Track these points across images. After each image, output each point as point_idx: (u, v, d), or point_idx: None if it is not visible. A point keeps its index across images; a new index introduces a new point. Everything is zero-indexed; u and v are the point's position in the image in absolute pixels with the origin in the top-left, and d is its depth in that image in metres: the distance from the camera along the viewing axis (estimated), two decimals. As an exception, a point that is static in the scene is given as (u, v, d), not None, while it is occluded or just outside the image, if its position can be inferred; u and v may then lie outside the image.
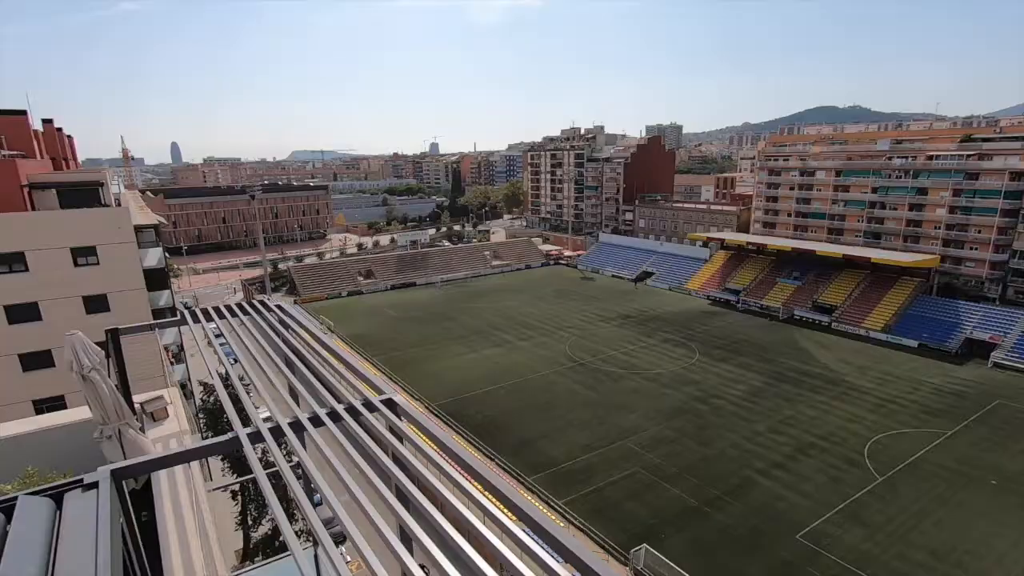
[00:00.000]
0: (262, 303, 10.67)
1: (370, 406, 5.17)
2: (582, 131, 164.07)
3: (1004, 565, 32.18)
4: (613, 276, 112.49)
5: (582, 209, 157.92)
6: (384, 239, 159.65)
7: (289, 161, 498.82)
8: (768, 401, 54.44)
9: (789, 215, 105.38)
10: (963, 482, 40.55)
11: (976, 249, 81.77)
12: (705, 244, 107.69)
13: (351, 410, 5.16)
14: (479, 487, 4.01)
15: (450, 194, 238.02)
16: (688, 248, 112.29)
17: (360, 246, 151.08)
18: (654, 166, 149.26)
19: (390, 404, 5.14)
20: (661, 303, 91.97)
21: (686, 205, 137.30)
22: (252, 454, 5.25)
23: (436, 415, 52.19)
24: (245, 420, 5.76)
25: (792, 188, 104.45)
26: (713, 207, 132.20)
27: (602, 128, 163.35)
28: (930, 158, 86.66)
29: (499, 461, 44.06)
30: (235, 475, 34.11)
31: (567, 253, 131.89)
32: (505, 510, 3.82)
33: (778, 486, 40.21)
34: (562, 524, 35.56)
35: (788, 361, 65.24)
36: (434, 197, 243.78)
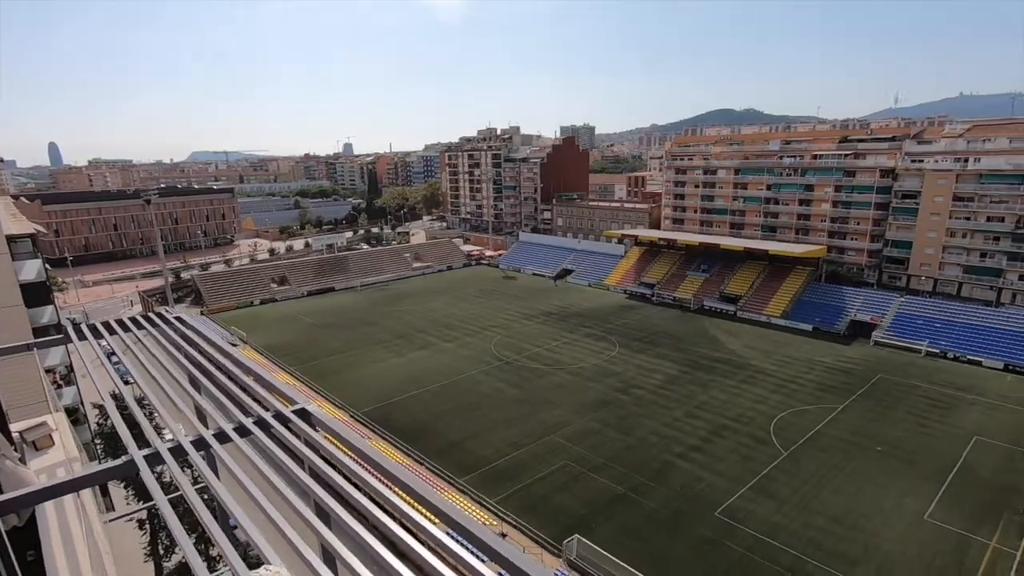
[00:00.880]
0: (160, 315, 9.81)
1: (282, 418, 4.81)
2: (498, 132, 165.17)
3: (890, 522, 35.68)
4: (534, 274, 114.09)
5: (501, 209, 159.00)
6: (298, 243, 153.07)
7: (188, 163, 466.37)
8: (684, 388, 57.25)
9: (695, 211, 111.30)
10: (855, 451, 44.55)
11: (856, 239, 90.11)
12: (620, 241, 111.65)
13: (261, 424, 4.78)
14: (404, 496, 3.83)
15: (367, 196, 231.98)
16: (605, 245, 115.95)
17: (272, 251, 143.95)
18: (569, 166, 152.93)
19: (303, 415, 4.80)
20: (581, 299, 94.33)
21: (601, 203, 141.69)
22: (150, 478, 4.76)
23: (361, 423, 50.66)
24: (142, 441, 5.23)
25: (697, 186, 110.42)
26: (626, 205, 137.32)
27: (518, 129, 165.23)
28: (815, 157, 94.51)
29: (429, 465, 43.43)
30: (140, 502, 31.40)
31: (488, 253, 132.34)
32: (432, 517, 3.67)
33: (696, 468, 42.38)
34: (495, 523, 35.63)
35: (700, 349, 68.94)
36: (350, 199, 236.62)
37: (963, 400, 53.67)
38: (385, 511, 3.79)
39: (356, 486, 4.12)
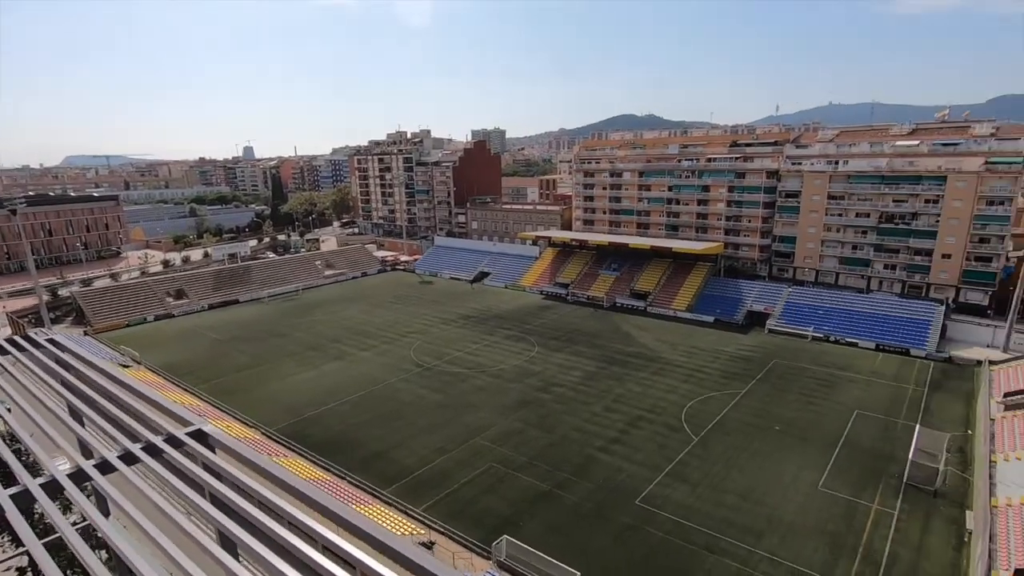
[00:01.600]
0: (28, 338, 8.67)
1: (175, 442, 4.29)
2: (408, 135, 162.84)
3: (789, 494, 38.67)
4: (451, 278, 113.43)
5: (415, 213, 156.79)
6: (196, 254, 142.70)
7: (63, 167, 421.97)
8: (601, 383, 59.05)
9: (604, 212, 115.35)
10: (756, 432, 47.89)
11: (748, 236, 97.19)
12: (534, 242, 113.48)
13: (150, 449, 4.23)
14: (317, 515, 3.55)
15: (271, 202, 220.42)
16: (520, 247, 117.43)
17: (167, 263, 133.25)
18: (482, 169, 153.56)
19: (200, 436, 4.31)
20: (499, 301, 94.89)
21: (514, 206, 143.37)
22: (19, 518, 4.11)
23: (275, 440, 47.96)
24: (8, 479, 4.54)
25: (605, 188, 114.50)
26: (539, 207, 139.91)
27: (428, 132, 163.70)
28: (709, 160, 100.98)
29: (350, 479, 41.84)
30: (16, 547, 27.82)
31: (403, 258, 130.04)
32: (349, 535, 3.43)
33: (616, 459, 43.81)
34: (423, 532, 34.91)
35: (615, 345, 71.44)
36: (252, 205, 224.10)
37: (844, 378, 59.28)
38: (297, 533, 3.50)
39: (264, 509, 3.78)
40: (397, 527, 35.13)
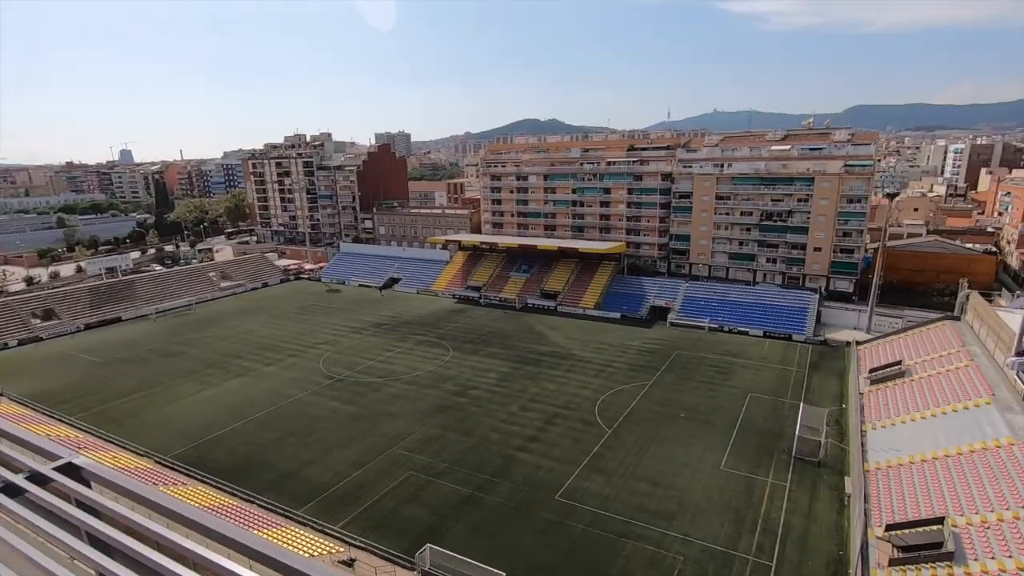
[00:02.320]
0: None
1: (39, 479, 3.72)
2: (308, 138, 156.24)
3: (696, 476, 41.11)
4: (360, 285, 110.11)
5: (319, 219, 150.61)
6: (67, 269, 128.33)
7: None
8: (516, 383, 59.70)
9: (513, 215, 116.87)
10: (664, 420, 50.49)
11: (648, 235, 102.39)
12: (444, 246, 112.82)
13: (9, 490, 3.65)
14: (218, 547, 3.23)
15: (155, 210, 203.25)
16: (430, 251, 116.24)
17: (30, 280, 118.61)
18: (387, 173, 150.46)
19: (70, 470, 3.77)
20: (411, 307, 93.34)
21: (423, 210, 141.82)
22: None
23: (172, 468, 44.07)
24: None
25: (512, 191, 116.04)
26: (447, 211, 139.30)
27: (330, 135, 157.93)
28: (609, 164, 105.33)
29: (260, 502, 39.30)
30: None
31: (308, 266, 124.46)
32: (256, 563, 3.15)
33: (535, 457, 44.45)
34: (342, 550, 33.49)
35: (528, 345, 72.54)
36: (134, 214, 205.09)
37: (738, 365, 63.98)
38: (193, 567, 3.15)
39: (153, 545, 3.39)
40: (313, 548, 33.50)
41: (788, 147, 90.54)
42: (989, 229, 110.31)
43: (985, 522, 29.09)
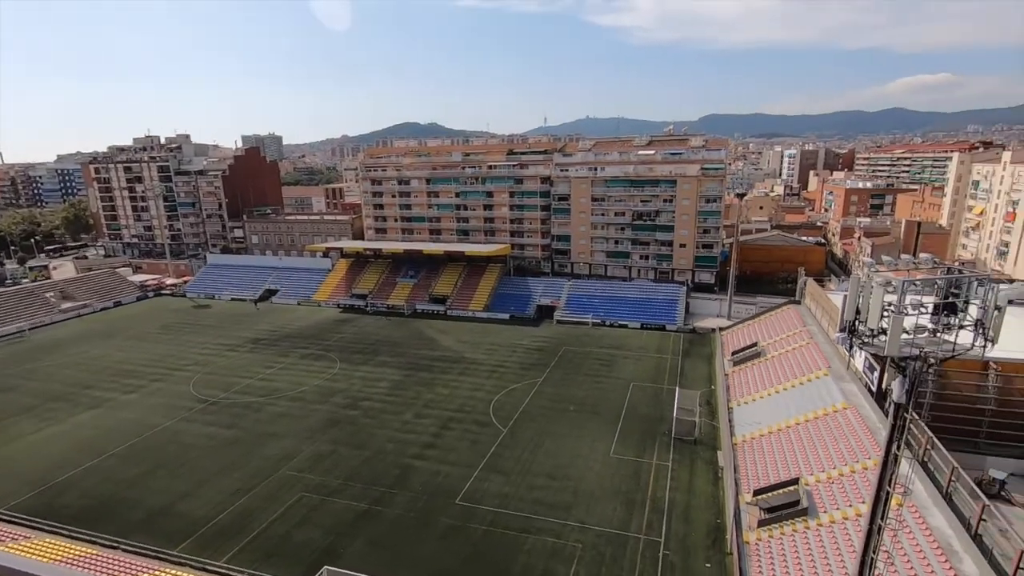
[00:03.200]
0: None
1: None
2: (162, 140, 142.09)
3: (588, 466, 43.28)
4: (233, 299, 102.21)
5: (180, 229, 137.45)
6: None
7: None
8: (409, 391, 58.90)
9: (396, 220, 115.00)
10: (555, 415, 52.51)
11: (531, 237, 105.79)
12: (326, 254, 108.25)
13: None
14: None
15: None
16: (310, 260, 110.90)
17: None
18: (258, 178, 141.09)
19: None
20: (292, 319, 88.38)
21: (299, 217, 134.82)
22: None
23: (11, 520, 37.95)
24: None
25: (394, 196, 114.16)
26: (326, 217, 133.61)
27: (188, 137, 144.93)
28: (491, 168, 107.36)
29: (127, 546, 35.11)
30: None
31: (169, 281, 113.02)
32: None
33: (433, 464, 44.18)
34: (224, 589, 30.97)
35: (419, 351, 71.80)
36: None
37: (620, 356, 68.23)
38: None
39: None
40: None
41: (653, 152, 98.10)
42: (819, 224, 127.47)
43: (830, 478, 33.80)
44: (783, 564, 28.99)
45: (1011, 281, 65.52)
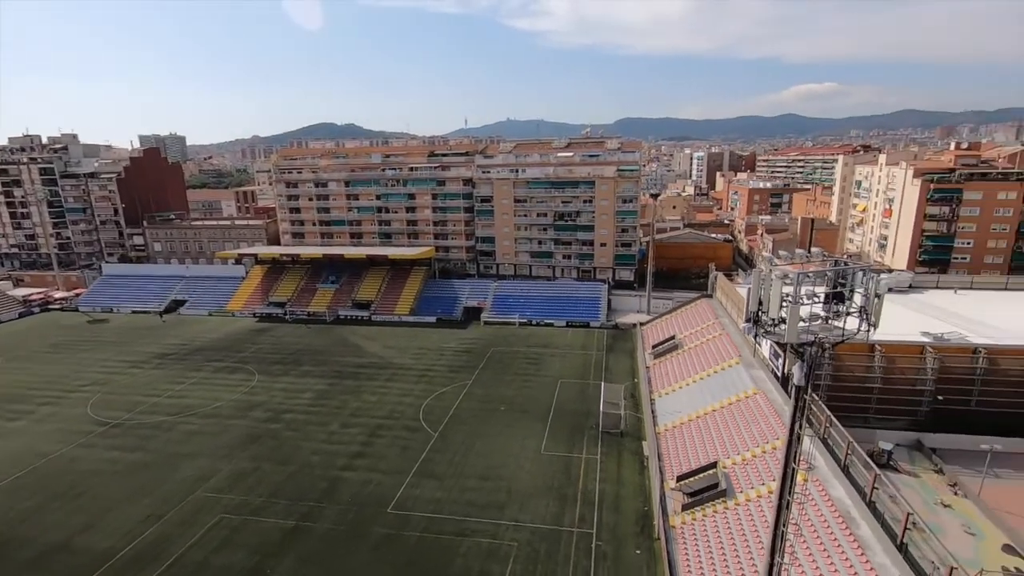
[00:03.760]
0: None
1: None
2: (44, 140, 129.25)
3: (520, 464, 43.82)
4: (134, 312, 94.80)
5: (69, 238, 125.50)
6: None
7: None
8: (335, 400, 57.14)
9: (314, 224, 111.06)
10: (486, 415, 52.75)
11: (455, 239, 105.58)
12: (239, 261, 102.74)
13: None
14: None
15: None
16: (221, 268, 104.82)
17: None
18: (159, 181, 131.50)
19: None
20: (203, 331, 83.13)
21: (208, 222, 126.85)
22: None
23: None
24: None
25: (311, 199, 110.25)
26: (238, 222, 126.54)
27: (75, 137, 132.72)
28: (412, 170, 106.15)
29: (13, 593, 31.78)
30: None
31: (58, 295, 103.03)
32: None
33: (363, 473, 43.12)
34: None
35: (344, 358, 69.77)
36: None
37: (548, 354, 69.56)
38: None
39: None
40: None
41: (572, 154, 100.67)
42: (726, 221, 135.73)
43: (744, 460, 36.22)
44: (706, 544, 30.75)
45: (890, 271, 72.94)
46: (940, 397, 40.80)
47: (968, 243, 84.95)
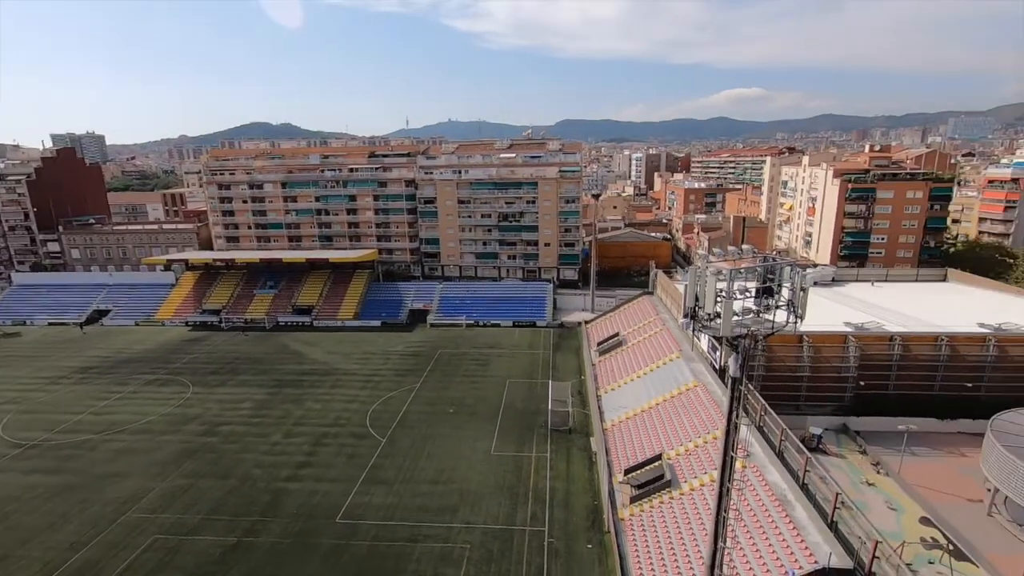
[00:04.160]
0: None
1: None
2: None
3: (471, 466, 43.77)
4: (51, 324, 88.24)
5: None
6: None
7: None
8: (277, 410, 55.21)
9: (250, 227, 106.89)
10: (435, 418, 52.35)
11: (399, 241, 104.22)
12: (168, 267, 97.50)
13: None
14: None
15: None
16: (148, 275, 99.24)
17: None
18: (76, 183, 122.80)
19: None
20: (130, 342, 78.39)
21: (132, 227, 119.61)
22: None
23: None
24: None
25: (246, 201, 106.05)
26: (166, 226, 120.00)
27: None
28: (352, 171, 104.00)
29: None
30: None
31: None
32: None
33: (308, 483, 41.87)
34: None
35: (285, 366, 67.51)
36: None
37: (495, 355, 69.74)
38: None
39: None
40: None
41: (514, 155, 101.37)
42: (664, 221, 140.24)
43: (687, 451, 37.58)
44: (654, 534, 31.72)
45: (815, 266, 77.49)
46: (862, 383, 43.73)
47: (883, 238, 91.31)
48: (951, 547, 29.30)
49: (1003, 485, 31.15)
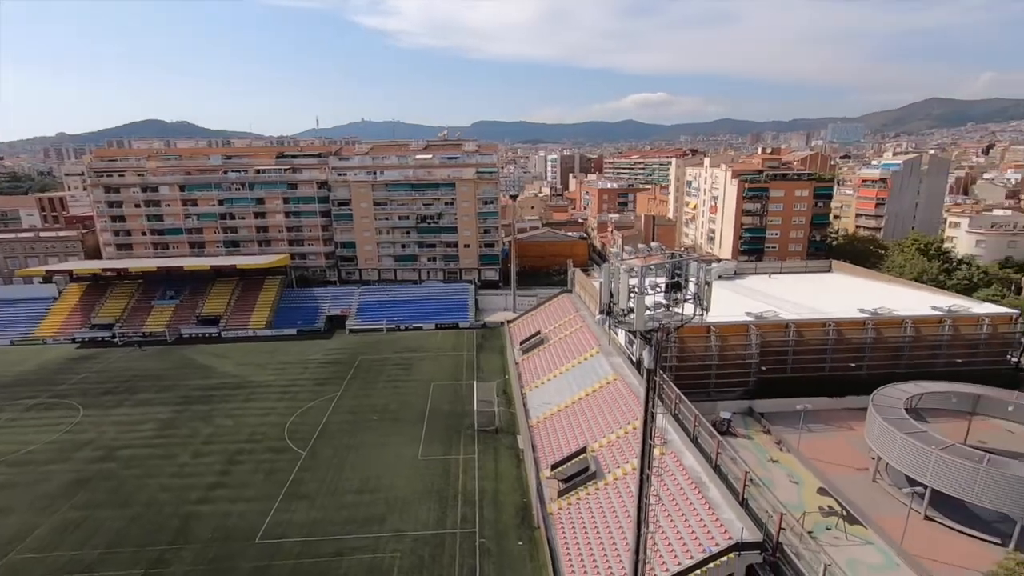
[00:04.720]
0: None
1: None
2: None
3: (398, 472, 43.03)
4: (-100, 349, 77.08)
5: None
6: None
7: None
8: (184, 428, 51.57)
9: (144, 233, 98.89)
10: (357, 427, 50.94)
11: (312, 245, 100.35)
12: (48, 279, 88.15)
13: None
14: None
15: None
16: (24, 288, 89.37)
17: None
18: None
19: None
20: (4, 364, 70.19)
21: (4, 235, 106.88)
22: None
23: None
24: None
25: (138, 205, 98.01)
26: (44, 234, 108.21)
27: None
28: (259, 172, 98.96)
29: None
30: None
31: None
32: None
33: (222, 505, 39.44)
34: None
35: (191, 381, 63.15)
36: None
37: (418, 358, 68.90)
38: None
39: None
40: None
41: (430, 156, 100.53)
42: (580, 220, 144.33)
43: (609, 442, 39.00)
44: (582, 526, 32.68)
45: (718, 261, 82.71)
46: (764, 368, 47.26)
47: (776, 234, 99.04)
48: (845, 513, 32.38)
49: (884, 453, 34.80)
